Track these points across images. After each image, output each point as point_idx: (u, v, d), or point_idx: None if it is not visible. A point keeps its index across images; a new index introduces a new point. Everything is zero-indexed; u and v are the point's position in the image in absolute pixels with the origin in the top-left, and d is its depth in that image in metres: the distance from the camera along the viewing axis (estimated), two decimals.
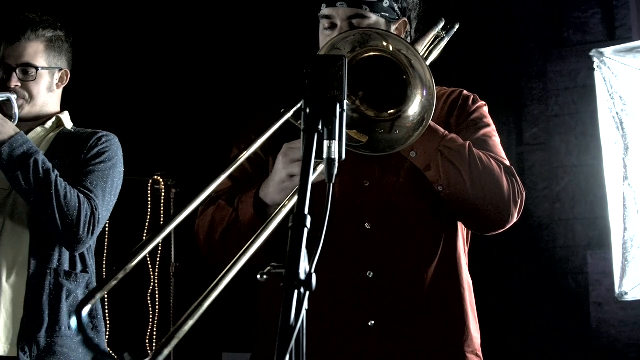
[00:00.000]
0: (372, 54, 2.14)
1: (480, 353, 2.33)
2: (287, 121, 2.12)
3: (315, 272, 1.53)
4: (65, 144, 2.85)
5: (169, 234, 5.04)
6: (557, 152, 4.98)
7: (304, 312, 1.51)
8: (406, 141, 2.12)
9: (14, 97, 2.79)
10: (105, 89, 5.15)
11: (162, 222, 4.96)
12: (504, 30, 5.12)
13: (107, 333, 4.51)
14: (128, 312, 4.60)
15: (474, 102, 2.42)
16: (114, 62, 5.19)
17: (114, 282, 1.41)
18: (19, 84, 2.82)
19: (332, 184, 1.63)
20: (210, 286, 1.60)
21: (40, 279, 2.69)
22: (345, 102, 1.66)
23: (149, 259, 5.04)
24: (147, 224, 4.94)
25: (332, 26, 2.30)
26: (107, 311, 4.70)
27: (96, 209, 2.68)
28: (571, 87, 5.08)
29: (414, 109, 2.12)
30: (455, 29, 2.54)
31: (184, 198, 5.03)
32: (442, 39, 2.48)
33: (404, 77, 2.12)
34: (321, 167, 1.87)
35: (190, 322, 1.48)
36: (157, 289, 5.05)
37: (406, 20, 2.36)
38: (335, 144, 1.64)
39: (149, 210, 4.95)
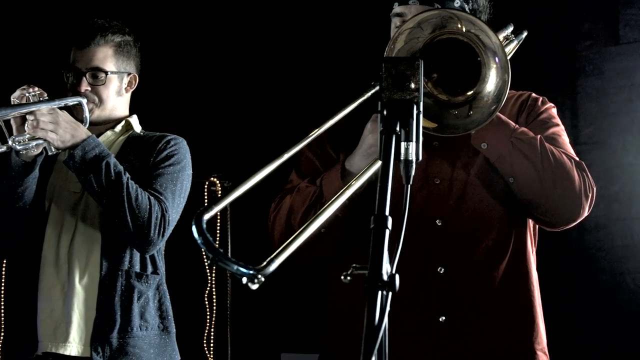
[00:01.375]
0: (447, 36, 2.16)
1: (547, 351, 2.34)
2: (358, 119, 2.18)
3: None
4: (135, 147, 2.89)
5: (226, 234, 5.08)
6: (613, 151, 4.91)
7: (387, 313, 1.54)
8: (483, 121, 2.14)
9: (84, 100, 2.83)
10: (159, 90, 5.20)
11: (218, 222, 5.02)
12: (559, 28, 5.08)
13: None
14: (186, 313, 4.64)
15: (543, 103, 2.45)
16: (169, 64, 5.24)
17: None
18: (89, 88, 2.86)
19: (409, 185, 1.66)
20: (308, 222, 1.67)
21: (112, 280, 2.73)
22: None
23: (206, 260, 5.07)
24: None
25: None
26: None
27: (166, 211, 2.70)
28: (628, 85, 5.01)
29: (489, 87, 2.15)
30: (524, 35, 2.55)
31: (241, 199, 5.05)
32: (512, 41, 2.49)
33: (478, 58, 2.14)
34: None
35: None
36: (214, 289, 5.08)
37: None
38: (412, 146, 1.66)
39: None
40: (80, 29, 2.90)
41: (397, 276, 1.53)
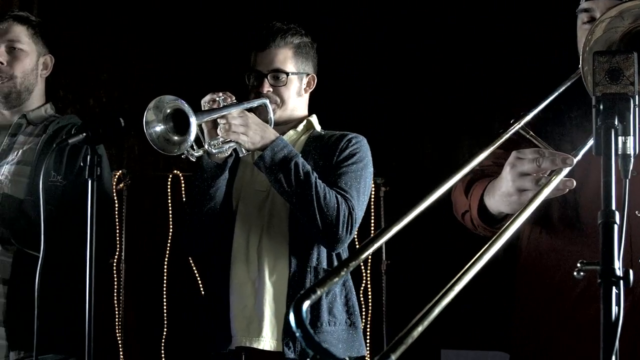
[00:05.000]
0: None
1: None
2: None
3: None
4: (317, 146, 2.92)
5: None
6: None
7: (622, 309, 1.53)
8: None
9: (268, 102, 2.89)
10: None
11: (372, 220, 5.05)
12: None
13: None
14: None
15: None
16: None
17: (335, 279, 1.38)
18: (271, 90, 2.91)
19: (627, 180, 1.65)
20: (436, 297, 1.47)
21: (301, 277, 2.77)
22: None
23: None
24: None
25: (592, 20, 2.29)
26: None
27: (353, 209, 2.73)
28: None
29: None
30: None
31: (393, 196, 5.08)
32: None
33: None
34: (557, 181, 1.87)
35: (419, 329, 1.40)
36: (369, 287, 5.11)
37: None
38: (630, 140, 1.65)
39: None
40: (260, 33, 2.95)
41: (631, 271, 1.53)
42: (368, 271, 5.14)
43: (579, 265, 1.65)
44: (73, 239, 2.77)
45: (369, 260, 5.13)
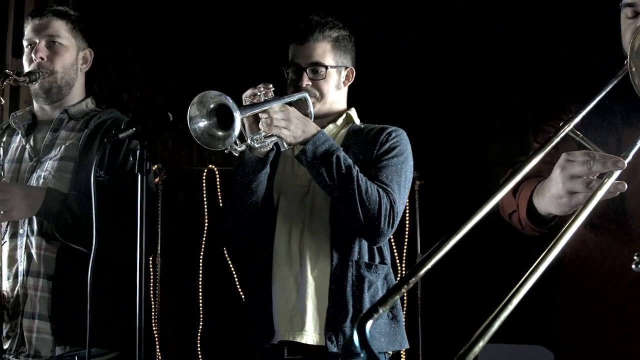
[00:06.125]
0: None
1: None
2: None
3: None
4: (357, 140, 2.92)
5: (414, 229, 5.10)
6: None
7: None
8: None
9: (307, 95, 2.89)
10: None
11: (407, 213, 5.04)
12: None
13: None
14: None
15: None
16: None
17: (396, 297, 1.34)
18: (310, 83, 2.92)
19: None
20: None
21: (343, 270, 2.76)
22: None
23: (396, 255, 5.12)
24: None
25: (635, 14, 2.28)
26: None
27: (394, 202, 2.71)
28: None
29: None
30: None
31: (428, 190, 5.07)
32: None
33: None
34: (609, 183, 1.86)
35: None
36: None
37: None
38: None
39: None
40: (299, 26, 2.95)
41: None
42: (403, 265, 5.13)
43: (635, 258, 1.64)
44: (116, 234, 2.79)
45: (404, 255, 5.12)
